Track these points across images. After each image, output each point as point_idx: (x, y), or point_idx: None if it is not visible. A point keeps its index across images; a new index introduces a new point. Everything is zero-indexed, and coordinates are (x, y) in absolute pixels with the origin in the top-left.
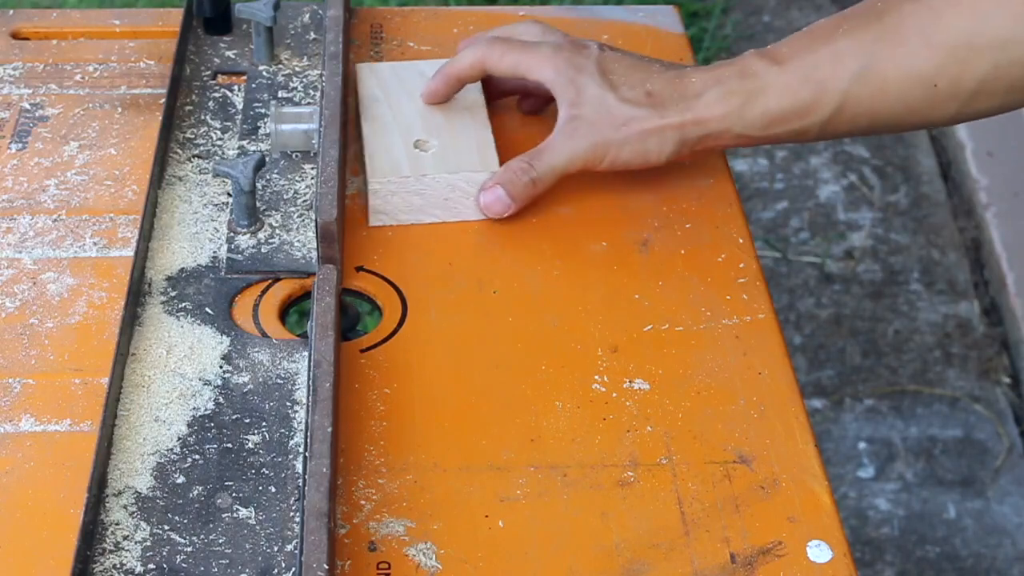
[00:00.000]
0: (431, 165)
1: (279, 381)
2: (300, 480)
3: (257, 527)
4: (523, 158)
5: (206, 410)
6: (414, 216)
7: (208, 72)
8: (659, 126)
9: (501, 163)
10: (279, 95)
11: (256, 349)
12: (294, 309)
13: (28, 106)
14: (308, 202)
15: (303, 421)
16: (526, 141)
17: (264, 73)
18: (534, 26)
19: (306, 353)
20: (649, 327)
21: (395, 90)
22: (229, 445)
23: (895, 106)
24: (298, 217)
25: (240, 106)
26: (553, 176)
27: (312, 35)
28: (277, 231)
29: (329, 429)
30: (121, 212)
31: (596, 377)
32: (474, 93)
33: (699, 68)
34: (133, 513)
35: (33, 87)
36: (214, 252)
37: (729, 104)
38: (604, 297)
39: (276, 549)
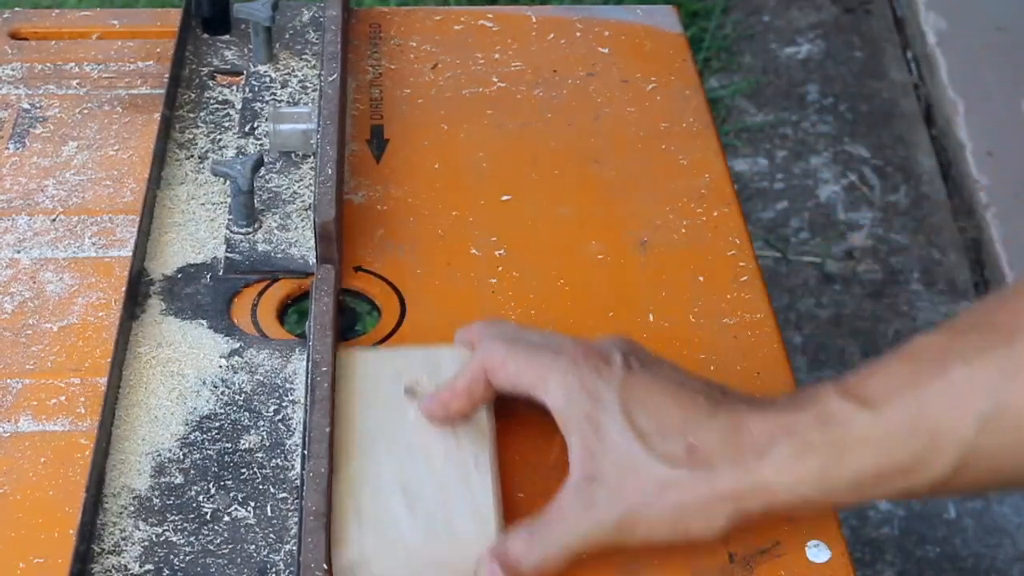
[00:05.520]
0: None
1: (277, 381)
2: (298, 480)
3: (255, 527)
4: (526, 532)
5: (204, 410)
6: None
7: (207, 72)
8: (706, 497)
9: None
10: (277, 95)
11: (254, 349)
12: (292, 309)
13: (27, 106)
14: (306, 202)
15: (301, 421)
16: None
17: (263, 73)
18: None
19: (304, 353)
20: (648, 327)
21: (385, 395)
22: (227, 445)
23: None
24: (296, 217)
25: (238, 106)
26: (567, 555)
27: (311, 35)
28: (275, 231)
29: (327, 429)
30: (119, 212)
31: None
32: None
33: (757, 406)
34: (131, 513)
35: (32, 87)
36: (212, 252)
37: (806, 466)
38: (603, 297)
39: (274, 549)
